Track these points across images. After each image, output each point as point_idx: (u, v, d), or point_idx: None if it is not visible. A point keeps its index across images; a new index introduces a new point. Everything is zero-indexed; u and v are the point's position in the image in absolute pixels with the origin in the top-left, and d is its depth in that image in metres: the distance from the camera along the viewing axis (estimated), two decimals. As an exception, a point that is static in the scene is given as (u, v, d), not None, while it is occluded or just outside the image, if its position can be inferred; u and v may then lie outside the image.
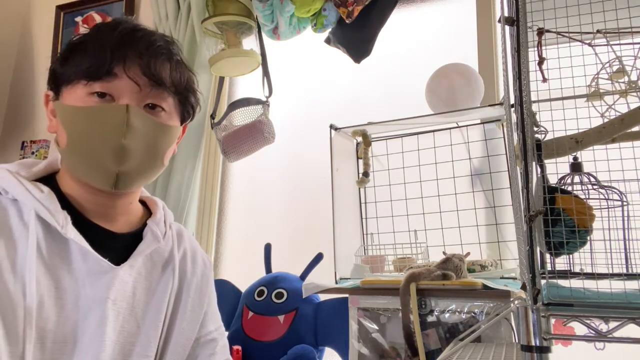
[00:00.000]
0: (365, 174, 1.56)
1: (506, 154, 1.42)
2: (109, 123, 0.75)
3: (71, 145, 0.77)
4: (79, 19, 2.31)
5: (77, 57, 0.77)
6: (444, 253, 1.31)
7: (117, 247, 0.82)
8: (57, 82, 0.80)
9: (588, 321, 0.67)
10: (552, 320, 0.69)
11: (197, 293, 0.92)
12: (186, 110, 0.87)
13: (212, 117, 1.75)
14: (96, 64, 0.75)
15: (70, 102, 0.77)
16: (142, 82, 0.77)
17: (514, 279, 1.25)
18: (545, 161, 0.77)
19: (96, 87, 0.76)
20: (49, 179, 0.81)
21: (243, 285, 1.54)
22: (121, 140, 0.75)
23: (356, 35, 1.63)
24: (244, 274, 1.63)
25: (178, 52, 0.84)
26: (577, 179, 0.84)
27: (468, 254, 1.31)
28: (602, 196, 0.82)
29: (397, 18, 1.77)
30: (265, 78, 1.74)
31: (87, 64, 0.76)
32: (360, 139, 1.60)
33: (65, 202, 0.78)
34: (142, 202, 0.92)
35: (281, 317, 1.39)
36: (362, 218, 1.61)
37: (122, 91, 0.76)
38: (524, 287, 0.68)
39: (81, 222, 0.78)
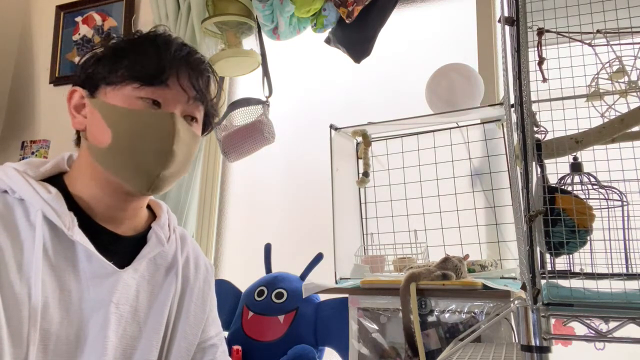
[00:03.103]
0: (365, 174, 1.56)
1: (506, 154, 1.42)
2: (160, 128, 0.78)
3: (116, 145, 0.78)
4: (79, 19, 2.31)
5: (128, 60, 0.79)
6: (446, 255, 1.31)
7: (122, 250, 0.82)
8: (96, 81, 0.81)
9: (588, 321, 0.67)
10: (552, 320, 0.69)
11: (200, 298, 0.92)
12: (209, 122, 0.91)
13: (212, 117, 1.75)
14: (152, 71, 0.78)
15: (116, 102, 0.78)
16: (191, 95, 0.82)
17: (514, 279, 1.25)
18: (545, 161, 0.77)
19: (148, 92, 0.78)
20: (55, 179, 0.81)
21: (243, 285, 1.54)
22: (172, 145, 0.78)
23: (356, 35, 1.63)
24: (244, 274, 1.63)
25: (214, 71, 0.90)
26: (577, 179, 0.84)
27: (467, 256, 1.31)
28: (602, 196, 0.82)
29: (397, 18, 1.76)
30: (265, 78, 1.74)
31: (141, 70, 0.78)
32: (360, 139, 1.60)
33: (72, 204, 0.78)
34: (147, 205, 0.92)
35: (281, 317, 1.39)
36: (362, 218, 1.61)
37: (170, 100, 0.80)
38: (524, 287, 0.68)
39: (87, 224, 0.78)
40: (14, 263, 0.70)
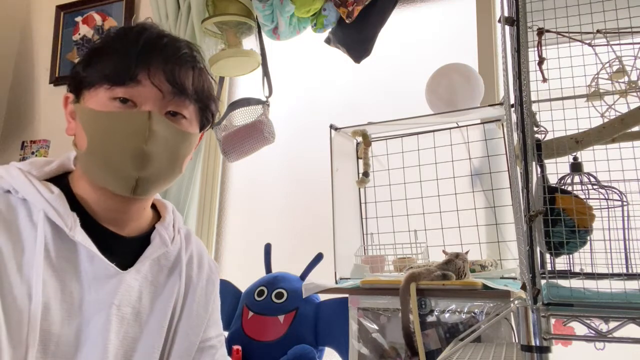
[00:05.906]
0: (365, 174, 1.56)
1: (506, 154, 1.42)
2: (131, 128, 0.74)
3: (91, 149, 0.76)
4: (79, 19, 2.31)
5: (100, 60, 0.77)
6: (444, 252, 1.31)
7: (125, 251, 0.81)
8: (78, 85, 0.79)
9: (588, 321, 0.67)
10: (552, 320, 0.69)
11: (203, 297, 0.91)
12: (205, 118, 0.86)
13: (212, 117, 1.75)
14: (120, 69, 0.75)
15: (92, 106, 0.77)
16: (165, 90, 0.77)
17: (514, 279, 1.25)
18: (545, 161, 0.77)
19: (119, 92, 0.75)
20: (60, 179, 0.81)
21: (243, 285, 1.54)
22: (143, 145, 0.74)
23: (356, 35, 1.63)
24: (244, 274, 1.63)
25: (201, 60, 0.84)
26: (577, 179, 0.84)
27: (467, 251, 1.31)
28: (602, 196, 0.82)
29: (397, 18, 1.77)
30: (265, 78, 1.74)
31: (110, 69, 0.75)
32: (360, 139, 1.60)
33: (76, 204, 0.77)
34: (152, 205, 0.91)
35: (281, 317, 1.39)
36: (362, 218, 1.61)
37: (144, 97, 0.76)
38: (524, 287, 0.68)
39: (90, 225, 0.77)
40: (14, 264, 0.70)
